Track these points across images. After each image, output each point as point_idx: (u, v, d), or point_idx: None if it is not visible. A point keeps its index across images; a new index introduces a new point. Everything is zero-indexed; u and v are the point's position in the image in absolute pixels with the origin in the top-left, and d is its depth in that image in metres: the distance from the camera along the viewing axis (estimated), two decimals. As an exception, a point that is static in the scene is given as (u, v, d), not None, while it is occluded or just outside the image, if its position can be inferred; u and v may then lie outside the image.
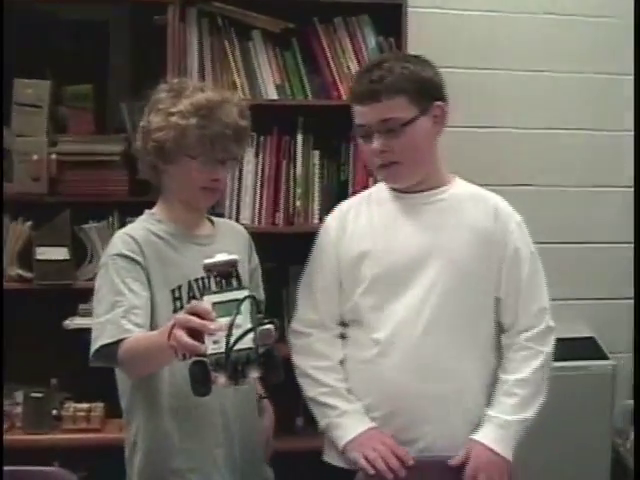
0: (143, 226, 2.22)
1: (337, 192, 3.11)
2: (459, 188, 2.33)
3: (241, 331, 1.69)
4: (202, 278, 2.15)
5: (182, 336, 1.72)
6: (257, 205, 3.12)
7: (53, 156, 3.05)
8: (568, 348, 3.38)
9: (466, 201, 2.30)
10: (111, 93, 3.26)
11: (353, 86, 2.33)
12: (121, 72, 3.30)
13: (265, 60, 3.15)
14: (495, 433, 2.21)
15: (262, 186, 3.11)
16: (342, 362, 2.30)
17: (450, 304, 2.22)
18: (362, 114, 2.23)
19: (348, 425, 2.24)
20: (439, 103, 2.25)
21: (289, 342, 2.36)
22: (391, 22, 3.15)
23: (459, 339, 2.23)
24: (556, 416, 3.12)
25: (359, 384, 2.27)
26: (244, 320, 1.70)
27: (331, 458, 2.32)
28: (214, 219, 2.38)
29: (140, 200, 2.53)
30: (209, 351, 1.69)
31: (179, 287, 2.15)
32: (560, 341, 3.40)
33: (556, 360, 2.38)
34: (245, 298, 1.73)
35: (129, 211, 2.94)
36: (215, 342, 1.69)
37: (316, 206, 3.13)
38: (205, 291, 2.03)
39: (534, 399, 2.25)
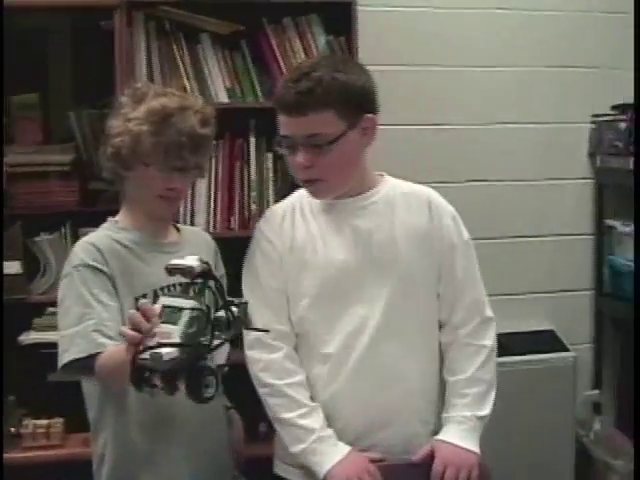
0: (106, 234, 2.17)
1: (291, 194, 3.08)
2: (390, 187, 2.26)
3: (168, 341, 1.66)
4: (168, 286, 2.11)
5: (125, 328, 1.74)
6: (212, 210, 3.08)
7: (1, 168, 2.99)
8: (529, 341, 3.43)
9: (398, 200, 2.24)
10: (57, 102, 3.20)
11: (279, 93, 2.15)
12: (67, 80, 3.23)
13: (215, 63, 3.11)
14: (455, 429, 2.19)
15: (216, 190, 3.08)
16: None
17: (396, 310, 2.17)
18: (287, 125, 2.12)
19: (326, 451, 2.14)
20: (369, 116, 2.14)
21: (250, 356, 2.21)
22: (341, 21, 3.13)
23: (408, 343, 2.19)
24: (519, 409, 3.15)
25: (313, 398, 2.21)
26: (177, 331, 1.68)
27: (285, 472, 2.26)
28: (180, 227, 2.35)
29: (92, 210, 2.49)
30: (141, 353, 1.67)
31: (144, 295, 2.10)
32: (521, 334, 3.46)
33: (517, 353, 2.39)
34: (184, 309, 1.70)
35: (81, 221, 2.90)
36: (149, 345, 1.67)
37: (271, 209, 3.09)
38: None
39: (486, 396, 2.22)
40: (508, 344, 3.13)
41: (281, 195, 3.05)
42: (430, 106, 3.50)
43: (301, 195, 2.28)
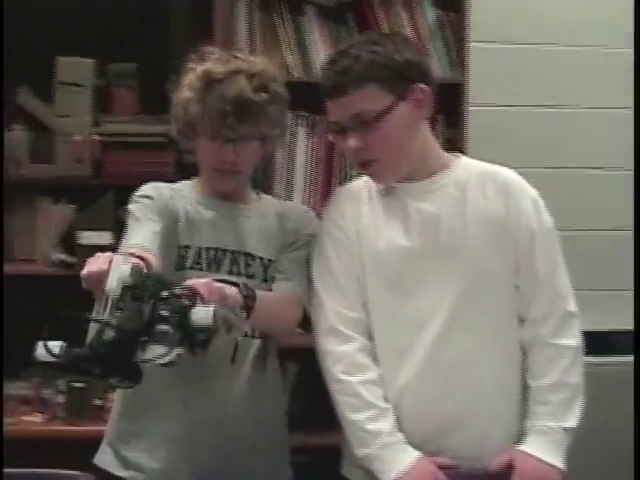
0: (176, 185, 2.17)
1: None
2: (463, 169, 2.10)
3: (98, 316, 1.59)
4: (215, 249, 2.07)
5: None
6: (309, 187, 3.00)
7: (96, 137, 2.96)
8: (614, 341, 3.21)
9: (472, 183, 2.06)
10: (157, 71, 3.13)
11: (321, 78, 2.07)
12: (167, 50, 3.17)
13: (318, 36, 3.00)
14: (538, 441, 2.02)
15: (314, 168, 2.99)
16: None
17: (467, 302, 2.01)
18: (332, 110, 2.03)
19: (392, 459, 1.99)
20: (421, 86, 2.00)
21: (322, 346, 2.08)
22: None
23: (482, 338, 2.02)
24: (602, 417, 2.91)
25: None
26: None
27: (351, 474, 2.13)
28: (266, 197, 2.28)
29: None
30: None
31: (186, 247, 2.06)
32: (605, 334, 3.22)
33: (603, 354, 2.19)
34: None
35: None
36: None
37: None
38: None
39: (572, 403, 2.04)
40: (613, 342, 2.97)
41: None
42: (542, 87, 3.34)
43: (365, 181, 2.16)
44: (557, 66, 3.38)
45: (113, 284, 1.60)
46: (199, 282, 1.72)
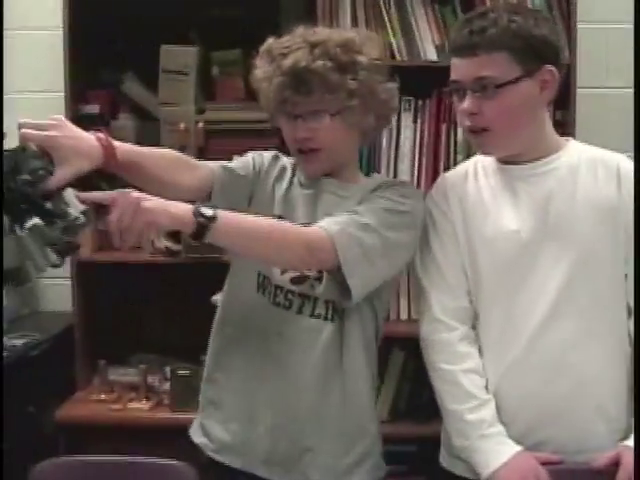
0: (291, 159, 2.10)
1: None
2: (574, 153, 2.02)
3: None
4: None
5: None
6: (415, 173, 2.94)
7: (200, 124, 2.96)
8: None
9: (583, 167, 1.98)
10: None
11: (451, 35, 2.04)
12: (270, 36, 3.14)
13: (423, 18, 2.94)
14: None
15: (421, 153, 2.93)
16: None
17: (574, 288, 1.93)
18: (457, 68, 1.95)
19: (491, 451, 1.94)
20: (550, 67, 1.93)
21: (424, 335, 2.05)
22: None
23: (587, 327, 1.94)
24: None
25: None
26: None
27: (450, 465, 2.08)
28: (375, 178, 2.13)
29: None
30: None
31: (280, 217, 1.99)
32: None
33: None
34: None
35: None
36: None
37: (479, 174, 2.91)
38: None
39: None
40: None
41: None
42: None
43: (475, 161, 2.10)
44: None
45: None
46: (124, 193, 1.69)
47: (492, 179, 2.03)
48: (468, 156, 2.89)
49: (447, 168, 2.91)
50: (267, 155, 2.11)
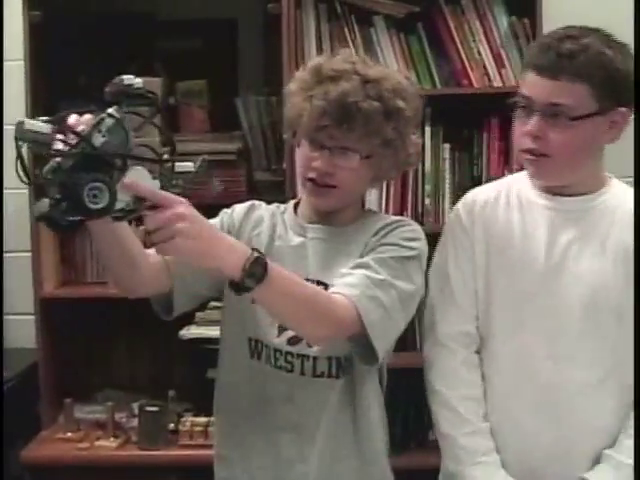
0: (273, 208, 2.00)
1: (470, 189, 2.85)
2: (614, 194, 1.97)
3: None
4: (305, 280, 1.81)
5: None
6: (383, 204, 2.91)
7: (165, 156, 2.90)
8: None
9: (619, 211, 1.94)
10: (223, 88, 3.10)
11: (535, 50, 1.91)
12: (233, 66, 3.14)
13: (389, 48, 2.93)
14: (608, 473, 1.90)
15: (388, 184, 2.89)
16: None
17: (590, 337, 1.90)
18: (532, 85, 1.87)
19: (482, 479, 1.93)
20: (623, 109, 1.87)
21: (425, 355, 2.04)
22: (524, 0, 2.89)
23: (598, 373, 1.91)
24: None
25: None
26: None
27: None
28: (375, 216, 2.00)
29: (259, 200, 2.36)
30: None
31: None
32: None
33: None
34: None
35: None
36: None
37: (447, 204, 2.91)
38: None
39: None
40: None
41: (459, 189, 2.91)
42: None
43: (510, 182, 2.06)
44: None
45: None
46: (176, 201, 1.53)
47: (527, 206, 1.99)
48: (436, 186, 2.92)
49: (415, 197, 2.93)
50: (239, 210, 1.99)
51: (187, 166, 1.60)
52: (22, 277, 3.03)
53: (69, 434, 2.94)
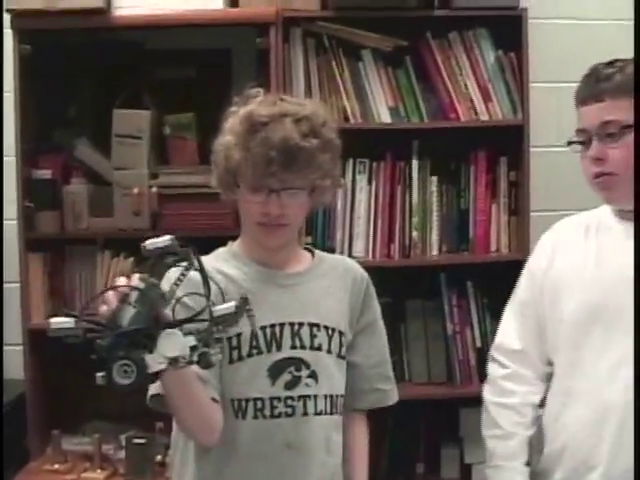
0: (211, 262, 1.89)
1: (457, 221, 2.92)
2: None
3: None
4: (271, 326, 1.89)
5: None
6: (371, 236, 2.94)
7: (154, 189, 2.93)
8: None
9: None
10: (213, 122, 3.10)
11: (579, 86, 2.03)
12: (223, 99, 3.14)
13: (377, 81, 2.96)
14: None
15: (376, 215, 2.94)
16: (534, 406, 2.08)
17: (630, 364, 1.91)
18: (583, 116, 1.98)
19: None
20: None
21: (488, 366, 2.18)
22: (510, 35, 2.95)
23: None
24: None
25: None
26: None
27: None
28: (321, 255, 2.06)
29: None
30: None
31: (238, 335, 1.85)
32: None
33: None
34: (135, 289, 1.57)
35: (233, 246, 2.81)
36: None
37: (434, 237, 2.94)
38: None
39: None
40: None
41: (446, 222, 2.93)
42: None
43: (596, 213, 2.10)
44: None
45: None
46: None
47: (604, 231, 2.03)
48: (423, 219, 2.94)
49: (402, 230, 2.95)
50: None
51: (227, 308, 1.60)
52: (11, 308, 3.03)
53: (56, 466, 2.92)
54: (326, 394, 1.93)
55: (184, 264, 1.62)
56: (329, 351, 1.94)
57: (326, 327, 1.95)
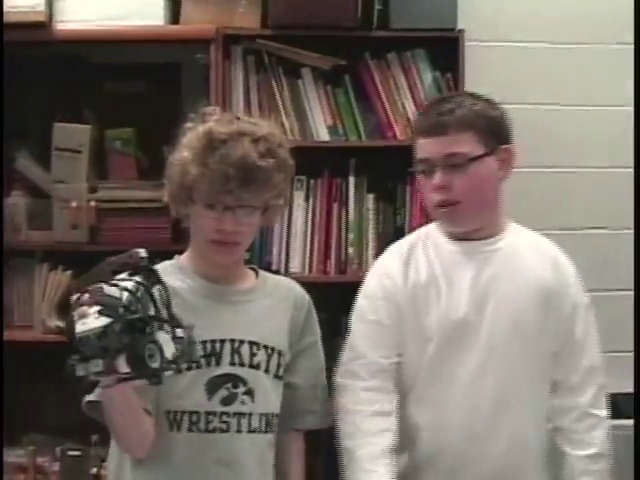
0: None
1: (393, 238, 2.91)
2: (517, 236, 2.17)
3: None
4: (212, 341, 1.92)
5: None
6: (307, 252, 2.98)
7: (92, 203, 2.94)
8: (625, 404, 3.14)
9: (524, 250, 2.15)
10: (152, 136, 3.12)
11: (419, 118, 2.20)
12: (162, 114, 3.16)
13: (316, 99, 3.00)
14: None
15: (313, 232, 2.97)
16: (390, 413, 2.08)
17: (512, 365, 2.08)
18: (426, 147, 2.07)
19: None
20: (506, 146, 2.10)
21: (338, 383, 2.13)
22: (447, 56, 3.00)
23: (520, 402, 2.09)
24: None
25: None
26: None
27: None
28: (264, 274, 2.11)
29: (184, 248, 2.38)
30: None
31: None
32: (616, 396, 3.18)
33: (627, 416, 2.27)
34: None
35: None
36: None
37: (370, 253, 2.97)
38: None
39: (606, 472, 2.12)
40: (618, 405, 2.90)
41: (382, 239, 2.96)
42: (542, 147, 3.29)
43: (426, 232, 2.20)
44: (559, 125, 3.34)
45: None
46: None
47: (444, 253, 2.13)
48: (360, 236, 2.98)
49: (339, 247, 2.98)
50: None
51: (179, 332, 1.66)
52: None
53: (-9, 478, 2.92)
54: (261, 413, 1.96)
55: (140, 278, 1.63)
56: (267, 370, 1.98)
57: (266, 347, 1.98)
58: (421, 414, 2.09)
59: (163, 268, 1.96)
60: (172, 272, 1.96)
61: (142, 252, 1.65)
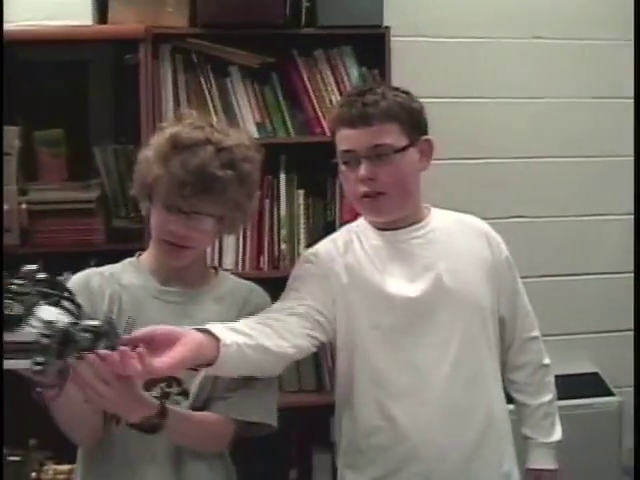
0: (111, 270, 2.03)
1: (324, 233, 2.95)
2: (440, 217, 2.23)
3: None
4: None
5: None
6: (240, 249, 2.99)
7: (23, 205, 2.91)
8: (572, 385, 3.26)
9: (454, 229, 2.21)
10: (81, 137, 3.10)
11: (340, 109, 2.14)
12: (91, 115, 3.15)
13: (244, 97, 3.02)
14: (545, 455, 2.32)
15: (245, 229, 2.97)
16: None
17: (471, 341, 2.14)
18: (350, 138, 2.07)
19: None
20: (427, 137, 2.14)
21: None
22: (374, 52, 3.04)
23: (482, 375, 2.16)
24: (562, 456, 2.98)
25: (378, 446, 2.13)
26: None
27: None
28: (223, 276, 2.11)
29: (118, 248, 2.39)
30: None
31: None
32: (563, 377, 3.29)
33: (560, 398, 2.36)
34: None
35: (107, 260, 2.80)
36: None
37: (302, 248, 2.98)
38: None
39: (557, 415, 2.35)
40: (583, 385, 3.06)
41: (313, 234, 3.00)
42: (467, 139, 3.37)
43: (353, 227, 2.23)
44: (484, 118, 3.42)
45: None
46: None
47: (378, 246, 2.15)
48: (291, 231, 3.01)
49: (271, 242, 3.01)
50: (77, 290, 1.81)
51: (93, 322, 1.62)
52: None
53: None
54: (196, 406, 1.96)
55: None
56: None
57: None
58: (397, 407, 2.11)
59: (122, 265, 2.05)
60: (129, 269, 2.03)
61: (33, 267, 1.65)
